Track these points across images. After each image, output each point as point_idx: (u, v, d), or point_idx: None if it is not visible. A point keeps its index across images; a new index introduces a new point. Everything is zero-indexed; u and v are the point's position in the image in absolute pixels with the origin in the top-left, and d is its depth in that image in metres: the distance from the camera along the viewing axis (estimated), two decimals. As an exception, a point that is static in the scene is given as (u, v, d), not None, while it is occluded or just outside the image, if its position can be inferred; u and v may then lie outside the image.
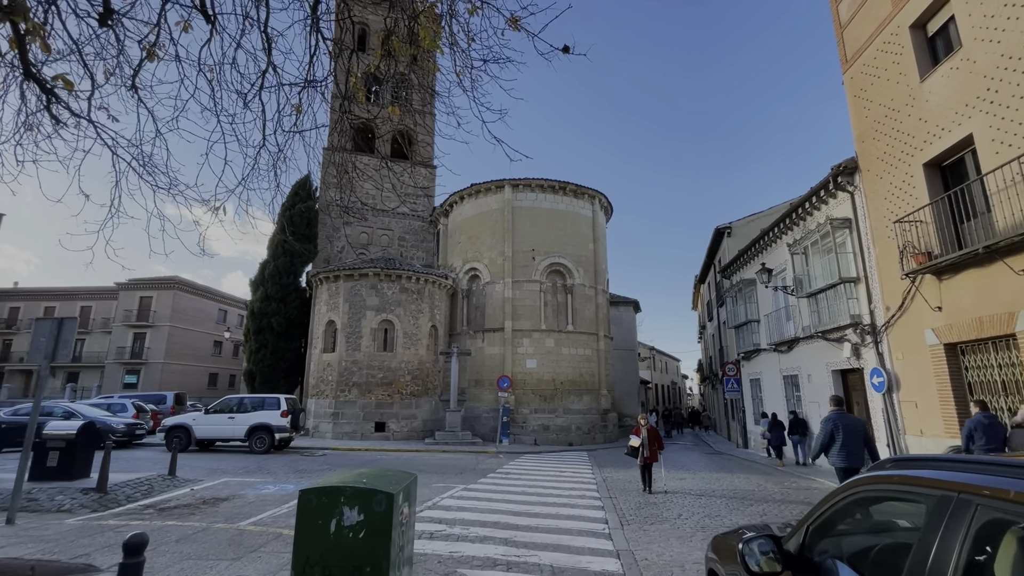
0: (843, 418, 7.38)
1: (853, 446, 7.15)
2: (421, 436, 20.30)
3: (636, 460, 10.51)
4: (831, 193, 12.66)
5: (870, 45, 11.36)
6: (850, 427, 7.25)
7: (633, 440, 10.43)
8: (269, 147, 7.24)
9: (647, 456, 10.17)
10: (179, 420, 15.32)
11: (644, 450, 10.17)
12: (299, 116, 7.16)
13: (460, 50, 5.94)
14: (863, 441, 7.24)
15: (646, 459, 10.18)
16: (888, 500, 2.02)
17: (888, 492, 1.94)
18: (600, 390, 22.44)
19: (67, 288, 41.27)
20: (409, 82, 22.93)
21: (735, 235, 22.10)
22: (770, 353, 16.96)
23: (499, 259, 22.38)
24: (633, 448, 10.39)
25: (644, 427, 10.34)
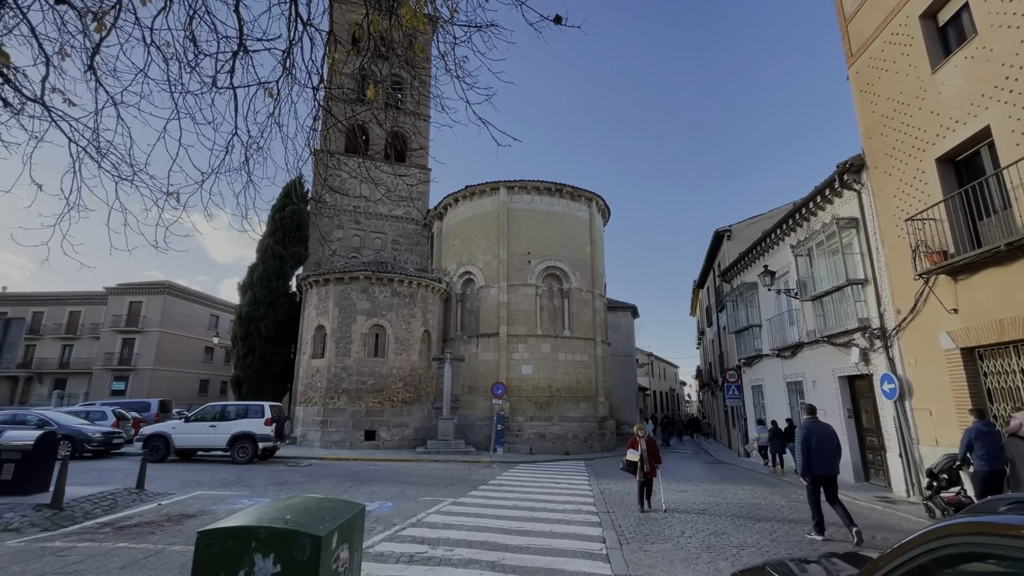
0: (816, 426, 7.52)
1: (827, 454, 7.30)
2: (413, 445, 19.65)
3: (634, 476, 9.56)
4: (836, 192, 12.18)
5: (877, 37, 10.93)
6: (823, 435, 7.39)
7: (631, 454, 9.43)
8: (240, 136, 6.73)
9: (647, 471, 9.25)
10: (158, 428, 14.67)
11: (644, 464, 9.24)
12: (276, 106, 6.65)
13: (443, 22, 5.46)
14: (835, 449, 7.41)
15: (645, 474, 9.26)
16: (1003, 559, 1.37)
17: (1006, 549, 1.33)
18: (597, 397, 21.84)
19: (55, 293, 40.53)
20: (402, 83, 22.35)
21: (735, 238, 21.63)
22: (773, 359, 16.43)
23: (494, 262, 21.84)
24: (631, 463, 9.40)
25: (642, 439, 9.43)
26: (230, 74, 6.22)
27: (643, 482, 9.34)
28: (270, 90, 6.42)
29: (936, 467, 8.50)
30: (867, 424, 12.08)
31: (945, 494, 8.32)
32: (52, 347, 39.52)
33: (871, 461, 12.07)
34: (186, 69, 6.42)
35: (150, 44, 5.64)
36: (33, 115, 6.04)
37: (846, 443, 12.39)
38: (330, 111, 6.87)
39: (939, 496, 8.37)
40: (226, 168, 6.70)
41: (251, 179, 6.94)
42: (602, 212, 24.93)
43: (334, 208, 25.35)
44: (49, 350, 39.45)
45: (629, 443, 9.61)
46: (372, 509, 8.61)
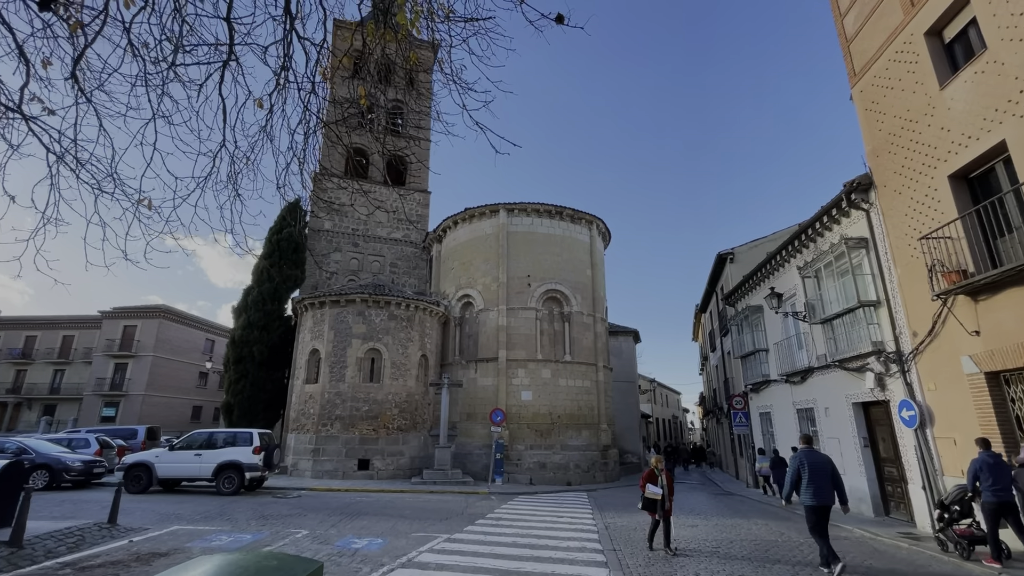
0: (810, 455, 7.39)
1: (822, 484, 7.15)
2: (408, 474, 18.88)
3: (652, 515, 8.30)
4: (844, 212, 11.88)
5: (880, 56, 10.81)
6: (817, 464, 7.26)
7: (651, 491, 8.15)
8: (228, 147, 6.43)
9: (667, 509, 8.14)
10: (139, 457, 14.01)
11: (665, 502, 8.10)
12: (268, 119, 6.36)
13: (439, 19, 5.20)
14: (831, 478, 7.25)
15: (665, 512, 8.15)
16: None
17: None
18: (600, 424, 21.14)
19: (49, 317, 40.04)
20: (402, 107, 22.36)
21: (738, 261, 21.31)
22: (781, 384, 15.87)
23: (493, 285, 21.47)
24: (650, 501, 8.17)
25: (661, 473, 8.31)
26: (219, 83, 5.98)
27: (659, 520, 8.28)
28: (259, 100, 6.18)
29: (947, 498, 8.14)
30: (885, 454, 11.47)
31: (957, 527, 7.92)
32: (43, 372, 38.81)
33: (891, 494, 11.41)
34: (170, 77, 6.17)
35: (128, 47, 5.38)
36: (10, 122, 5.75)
37: (862, 474, 11.79)
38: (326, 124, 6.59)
39: (951, 529, 7.97)
40: (213, 181, 6.39)
41: (238, 193, 6.67)
42: (603, 235, 24.70)
43: (332, 231, 25.15)
44: (40, 375, 38.73)
45: (645, 477, 8.39)
46: (360, 547, 7.98)
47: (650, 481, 8.24)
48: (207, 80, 5.81)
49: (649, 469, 8.47)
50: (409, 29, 5.51)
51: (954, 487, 8.17)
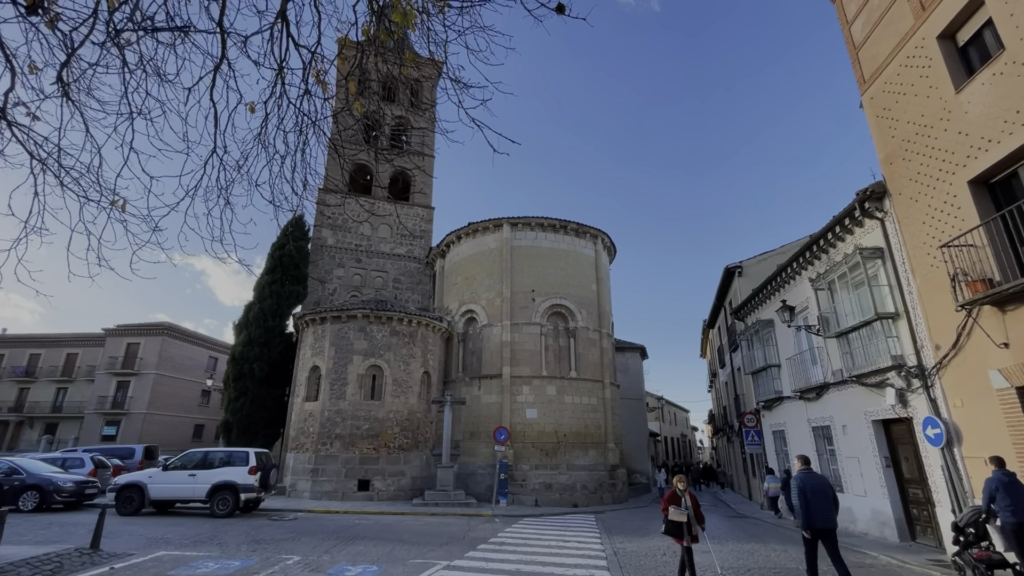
0: (810, 478, 7.44)
1: (823, 506, 7.19)
2: (409, 495, 18.30)
3: (678, 541, 7.35)
4: (857, 221, 11.51)
5: (891, 62, 10.56)
6: (817, 487, 7.32)
7: (674, 513, 7.28)
8: (219, 152, 6.21)
9: (694, 535, 7.27)
10: (132, 478, 13.59)
11: (692, 527, 7.24)
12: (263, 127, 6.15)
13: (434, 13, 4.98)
14: (830, 500, 7.30)
15: (693, 539, 7.26)
16: None
17: None
18: (607, 443, 20.53)
19: (53, 335, 40.00)
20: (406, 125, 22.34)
21: (746, 274, 20.90)
22: (795, 401, 15.31)
23: (497, 300, 21.13)
24: (675, 525, 7.30)
25: (684, 493, 7.50)
26: (210, 88, 5.76)
27: (689, 548, 7.29)
28: (251, 104, 5.96)
29: (961, 521, 7.69)
30: (909, 474, 10.89)
31: (974, 550, 7.42)
32: (46, 390, 38.59)
33: (917, 517, 10.79)
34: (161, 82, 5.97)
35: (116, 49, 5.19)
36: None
37: (885, 496, 11.20)
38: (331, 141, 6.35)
39: (968, 552, 7.47)
40: (204, 190, 6.14)
41: (228, 202, 6.40)
42: (608, 249, 24.39)
43: (335, 246, 25.01)
44: (43, 393, 38.50)
45: (667, 498, 7.56)
46: (353, 575, 7.51)
47: (673, 503, 7.47)
48: (197, 83, 5.63)
49: (671, 490, 7.72)
50: (405, 27, 5.32)
51: (968, 508, 7.76)
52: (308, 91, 5.68)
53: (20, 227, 4.96)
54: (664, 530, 7.51)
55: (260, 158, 6.69)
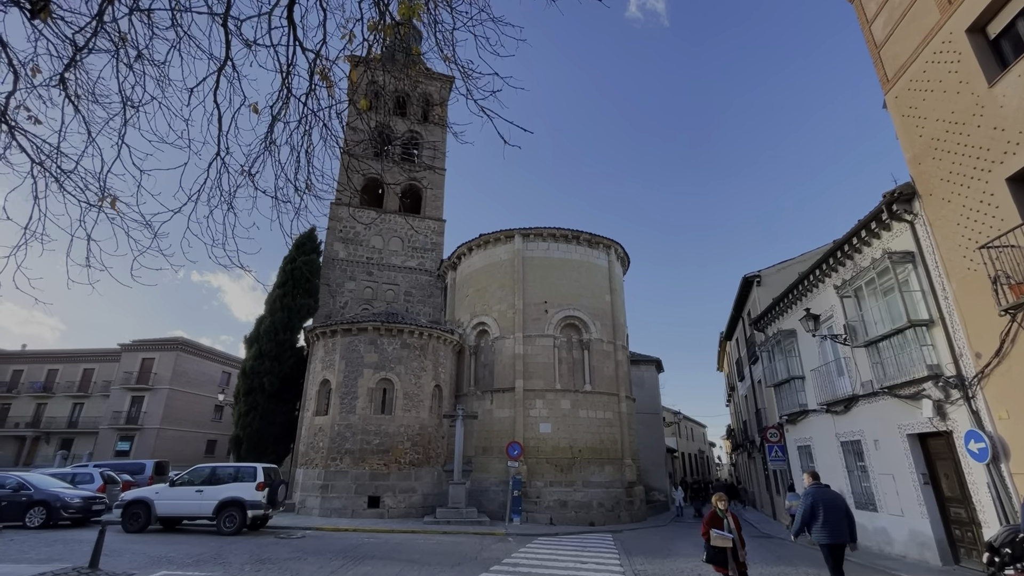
0: (822, 493, 7.41)
1: (836, 521, 7.16)
2: (421, 513, 17.82)
3: (721, 571, 6.64)
4: (885, 224, 11.02)
5: (916, 58, 10.17)
6: (830, 502, 7.30)
7: (717, 538, 6.56)
8: (221, 155, 6.06)
9: (741, 563, 6.58)
10: (139, 494, 13.35)
11: (739, 552, 6.59)
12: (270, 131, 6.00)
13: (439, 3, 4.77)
14: (845, 516, 7.29)
15: (740, 567, 6.58)
16: None
17: None
18: (624, 459, 19.88)
19: (70, 350, 40.47)
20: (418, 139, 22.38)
21: (765, 284, 20.32)
22: (821, 415, 14.64)
23: (509, 312, 20.78)
24: (718, 551, 6.59)
25: (726, 514, 6.81)
26: (214, 89, 5.61)
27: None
28: (255, 105, 5.81)
29: (996, 540, 7.03)
30: (950, 492, 10.21)
31: (1009, 570, 6.78)
32: (63, 405, 38.91)
33: (960, 538, 10.08)
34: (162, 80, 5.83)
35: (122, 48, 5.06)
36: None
37: (924, 516, 10.51)
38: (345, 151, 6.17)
39: (1003, 574, 6.82)
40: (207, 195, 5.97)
41: (231, 206, 6.22)
42: (621, 260, 23.98)
43: (347, 260, 24.98)
44: (60, 409, 38.82)
45: (708, 521, 6.81)
46: (358, 598, 7.11)
47: (714, 525, 6.68)
48: (200, 83, 5.48)
49: (711, 511, 6.92)
50: (412, 18, 5.14)
51: (1004, 527, 7.18)
52: (313, 89, 5.51)
53: (18, 233, 4.77)
54: (706, 558, 6.72)
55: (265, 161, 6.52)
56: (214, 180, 5.74)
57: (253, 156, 5.82)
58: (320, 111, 5.63)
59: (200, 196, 5.70)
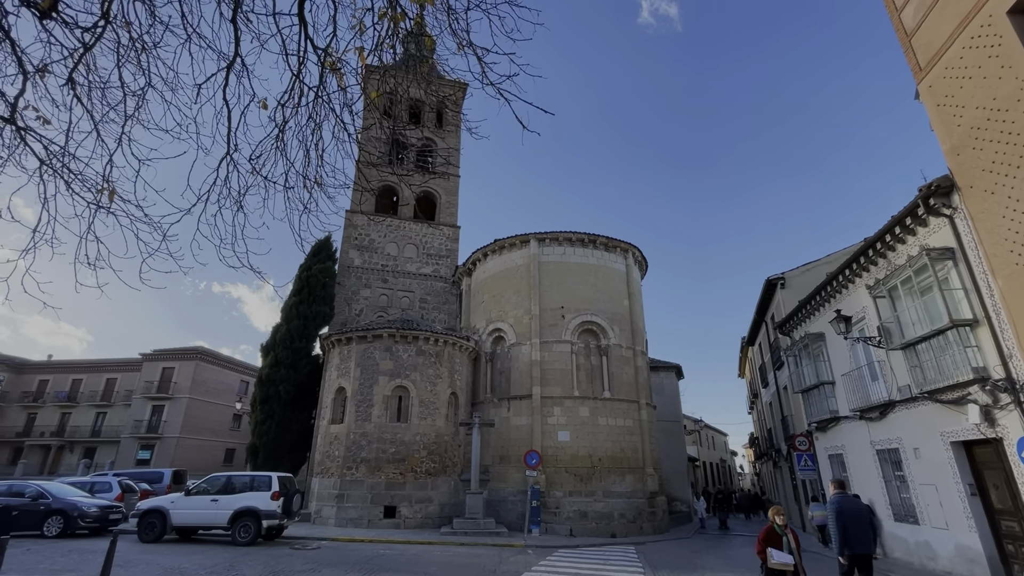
0: (847, 502, 7.29)
1: (859, 531, 7.03)
2: (437, 523, 17.47)
3: None
4: (921, 220, 10.47)
5: (952, 44, 9.67)
6: (853, 512, 7.20)
7: (777, 559, 5.93)
8: (231, 154, 5.93)
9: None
10: (155, 503, 13.25)
11: (801, 573, 6.02)
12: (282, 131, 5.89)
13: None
14: (868, 525, 7.18)
15: None
16: None
17: None
18: (645, 468, 19.30)
19: (93, 360, 41.21)
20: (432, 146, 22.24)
21: (790, 286, 19.67)
22: (854, 422, 13.98)
23: (525, 318, 20.45)
24: (777, 573, 5.98)
25: (786, 531, 6.19)
26: (223, 87, 5.47)
27: None
28: (264, 101, 5.66)
29: None
30: (1000, 504, 9.54)
31: None
32: (87, 415, 39.53)
33: (1013, 554, 9.39)
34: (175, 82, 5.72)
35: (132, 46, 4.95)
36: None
37: (972, 529, 9.84)
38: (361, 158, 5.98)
39: None
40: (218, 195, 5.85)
41: (241, 206, 6.07)
42: (639, 264, 23.52)
43: (362, 267, 24.96)
44: (83, 418, 39.44)
45: (763, 538, 6.17)
46: (373, 614, 6.79)
47: (771, 544, 5.98)
48: (209, 79, 5.34)
49: (767, 526, 6.23)
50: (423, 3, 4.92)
51: None
52: (324, 82, 5.33)
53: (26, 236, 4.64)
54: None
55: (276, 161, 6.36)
56: (223, 179, 5.61)
57: (263, 153, 5.68)
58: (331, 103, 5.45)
59: (210, 196, 5.56)
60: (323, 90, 5.47)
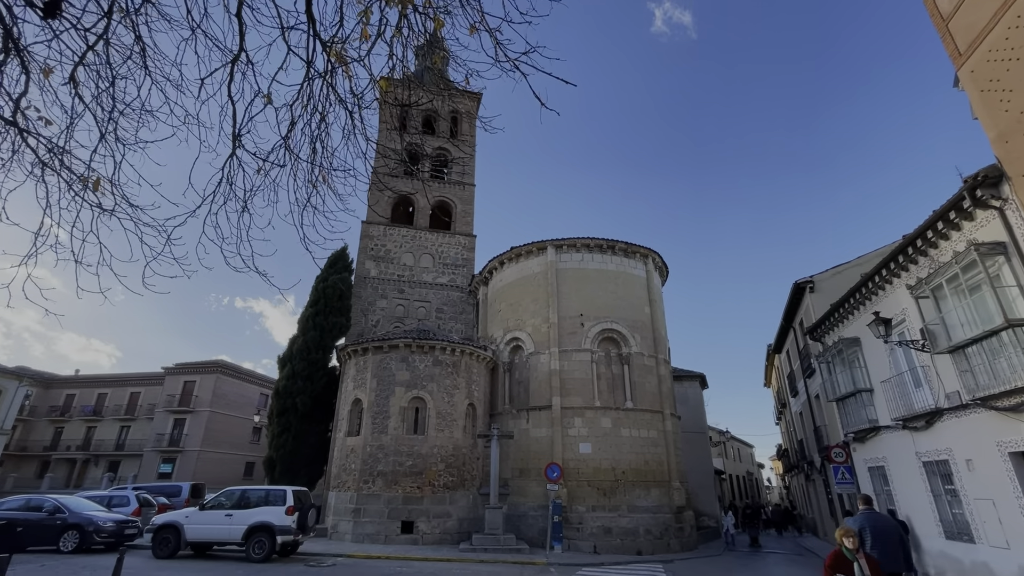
0: (873, 519, 7.17)
1: (888, 549, 6.83)
2: (456, 539, 16.94)
3: None
4: (966, 213, 9.79)
5: (995, 26, 9.08)
6: (881, 528, 7.00)
7: None
8: (237, 156, 5.73)
9: None
10: (169, 518, 13.04)
11: None
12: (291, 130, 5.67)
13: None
14: (899, 543, 6.99)
15: None
16: None
17: None
18: (671, 482, 18.52)
19: (118, 375, 41.88)
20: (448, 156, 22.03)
21: (819, 290, 18.85)
22: (896, 431, 13.12)
23: (543, 326, 19.98)
24: None
25: (858, 555, 5.40)
26: (227, 82, 5.27)
27: None
28: (268, 95, 5.44)
29: None
30: (1066, 521, 8.69)
31: None
32: (111, 429, 40.06)
33: (1087, 577, 8.52)
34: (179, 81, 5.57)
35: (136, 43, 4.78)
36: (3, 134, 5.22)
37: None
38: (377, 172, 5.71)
39: None
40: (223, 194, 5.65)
41: (246, 207, 5.88)
42: (659, 270, 22.91)
43: (378, 278, 24.86)
44: (108, 432, 39.97)
45: (831, 563, 5.48)
46: (386, 640, 6.35)
47: (840, 571, 5.31)
48: (212, 74, 5.13)
49: (834, 551, 5.47)
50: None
51: None
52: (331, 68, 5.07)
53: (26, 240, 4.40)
54: None
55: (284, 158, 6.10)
56: (228, 179, 5.40)
57: (273, 149, 5.47)
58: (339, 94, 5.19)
59: (215, 196, 5.35)
60: (331, 79, 5.21)
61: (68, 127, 5.21)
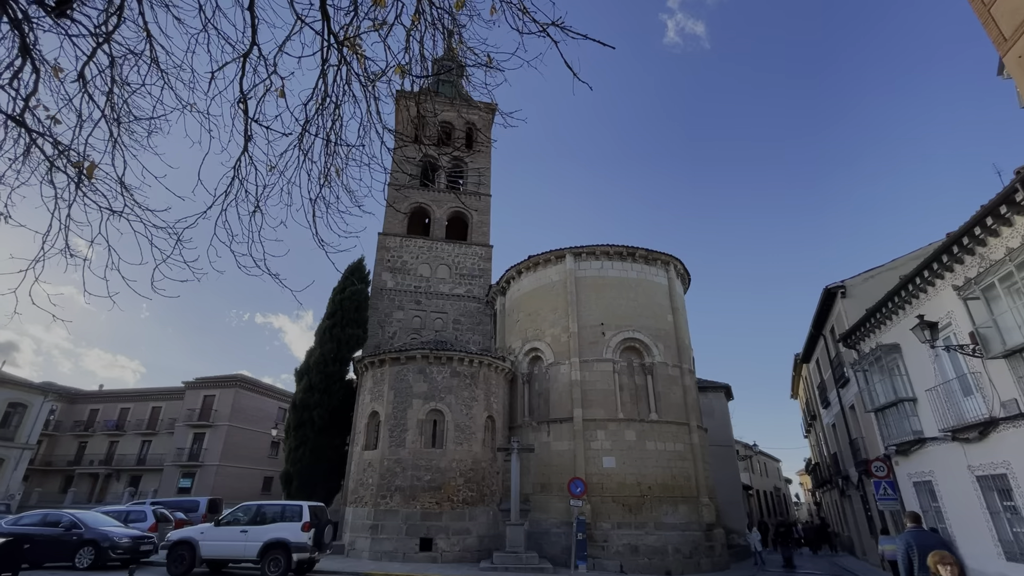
0: (920, 537, 7.08)
1: None
2: (476, 557, 16.35)
3: None
4: (1019, 207, 9.14)
5: (1046, 7, 8.53)
6: (928, 548, 6.60)
7: None
8: (249, 154, 5.50)
9: None
10: (184, 534, 12.76)
11: None
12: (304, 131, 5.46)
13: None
14: None
15: None
16: None
17: None
18: (700, 497, 17.72)
19: (140, 390, 42.33)
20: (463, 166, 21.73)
21: (852, 295, 18.06)
22: (944, 443, 12.27)
23: (563, 336, 19.49)
24: None
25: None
26: (239, 77, 5.06)
27: None
28: (281, 89, 5.23)
29: None
30: None
31: None
32: (133, 443, 40.37)
33: None
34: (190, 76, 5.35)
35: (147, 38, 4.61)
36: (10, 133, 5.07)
37: (1118, 573, 8.13)
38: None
39: None
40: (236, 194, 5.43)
41: (259, 207, 5.66)
42: (681, 277, 22.31)
43: (395, 289, 24.71)
44: (130, 446, 40.28)
45: None
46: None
47: None
48: (222, 68, 4.93)
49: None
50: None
51: None
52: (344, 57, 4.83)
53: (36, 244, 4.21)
54: None
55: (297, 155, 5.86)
56: (240, 177, 5.19)
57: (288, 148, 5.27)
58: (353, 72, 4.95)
59: (227, 195, 5.13)
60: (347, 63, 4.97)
61: (76, 125, 5.03)
